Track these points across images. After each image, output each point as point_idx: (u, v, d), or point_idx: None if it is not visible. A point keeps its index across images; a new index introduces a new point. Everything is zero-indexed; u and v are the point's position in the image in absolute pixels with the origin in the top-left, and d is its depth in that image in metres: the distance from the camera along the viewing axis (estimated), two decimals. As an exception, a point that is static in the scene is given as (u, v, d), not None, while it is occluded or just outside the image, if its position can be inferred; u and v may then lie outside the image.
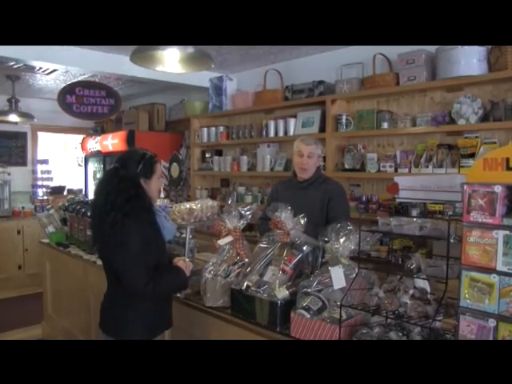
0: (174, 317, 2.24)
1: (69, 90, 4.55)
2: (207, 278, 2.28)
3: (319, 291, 1.90)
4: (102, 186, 2.02)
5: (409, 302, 1.56)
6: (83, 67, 4.46)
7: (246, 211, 2.41)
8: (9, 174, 6.48)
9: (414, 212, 3.27)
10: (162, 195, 3.32)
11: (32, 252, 6.03)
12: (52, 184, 6.83)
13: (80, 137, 6.83)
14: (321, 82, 3.94)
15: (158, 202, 2.84)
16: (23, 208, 6.39)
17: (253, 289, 2.08)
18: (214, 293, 2.25)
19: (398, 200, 1.83)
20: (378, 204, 3.50)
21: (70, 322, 3.93)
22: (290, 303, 1.94)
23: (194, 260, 2.76)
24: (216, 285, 2.25)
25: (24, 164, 6.76)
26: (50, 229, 4.18)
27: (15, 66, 4.60)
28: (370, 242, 1.87)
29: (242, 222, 2.42)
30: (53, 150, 7.48)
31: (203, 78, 5.11)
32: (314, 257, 2.14)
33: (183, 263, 2.17)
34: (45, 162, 6.74)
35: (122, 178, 1.97)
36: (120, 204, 1.92)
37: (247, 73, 5.05)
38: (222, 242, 2.37)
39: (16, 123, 6.20)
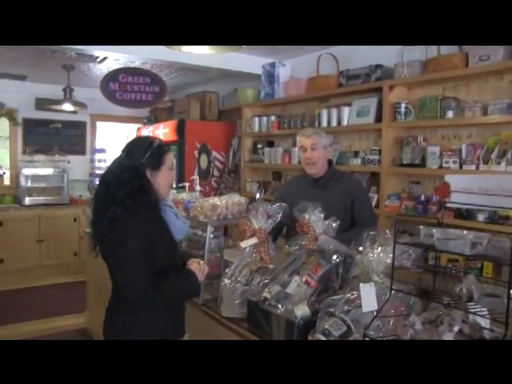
0: (189, 323, 1.99)
1: (112, 77, 4.45)
2: (225, 285, 2.02)
3: (347, 312, 1.57)
4: (104, 177, 1.81)
5: (453, 340, 1.19)
6: (135, 54, 4.34)
7: (273, 210, 2.11)
8: (68, 162, 6.64)
9: (481, 217, 2.82)
10: (198, 188, 3.09)
11: (87, 239, 6.11)
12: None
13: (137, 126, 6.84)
14: (378, 66, 3.51)
15: (184, 196, 2.61)
16: (80, 196, 6.51)
17: (271, 302, 1.78)
18: (231, 302, 1.99)
19: (449, 205, 1.44)
20: (438, 205, 3.04)
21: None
22: (311, 323, 1.62)
23: (222, 261, 2.52)
24: (234, 293, 1.98)
25: (83, 153, 6.89)
26: (94, 218, 4.13)
27: (67, 55, 4.59)
28: (413, 257, 1.50)
29: (269, 221, 2.13)
30: (114, 139, 7.56)
31: (256, 64, 4.84)
32: (344, 268, 1.79)
33: (197, 266, 1.90)
34: (102, 150, 6.81)
35: (126, 169, 1.74)
36: (121, 198, 1.69)
37: (302, 58, 4.68)
38: (245, 243, 2.09)
39: (76, 112, 6.29)
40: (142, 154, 1.77)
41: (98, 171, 6.72)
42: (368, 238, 1.61)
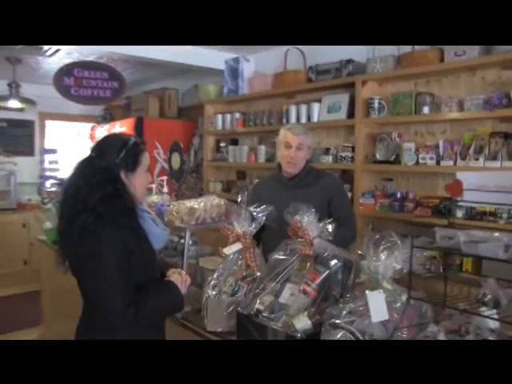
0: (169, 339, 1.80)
1: (66, 71, 4.12)
2: (209, 296, 1.84)
3: (351, 323, 1.44)
4: (72, 180, 1.59)
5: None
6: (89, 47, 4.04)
7: (258, 213, 1.95)
8: (15, 164, 6.16)
9: (460, 213, 2.79)
10: (165, 190, 2.89)
11: (38, 247, 5.70)
12: (60, 175, 6.48)
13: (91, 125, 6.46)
14: (349, 61, 3.42)
15: (156, 199, 2.41)
16: (29, 200, 6.07)
17: (265, 314, 1.62)
18: (216, 314, 1.81)
19: (461, 204, 1.34)
20: (415, 202, 3.00)
21: (66, 326, 3.55)
22: (313, 337, 1.48)
23: (197, 271, 2.34)
24: (219, 305, 1.81)
25: (31, 154, 6.42)
26: (48, 225, 3.80)
27: (12, 46, 4.20)
28: (420, 260, 1.39)
29: (254, 225, 1.97)
30: (64, 139, 7.13)
31: (218, 59, 4.66)
32: (344, 274, 1.66)
33: (178, 277, 1.72)
34: (53, 151, 6.39)
35: (97, 170, 1.54)
36: (93, 203, 1.48)
37: (267, 53, 4.52)
38: (228, 250, 1.92)
39: (22, 110, 5.84)
40: (115, 153, 1.57)
41: (48, 173, 6.32)
42: (370, 242, 1.49)
